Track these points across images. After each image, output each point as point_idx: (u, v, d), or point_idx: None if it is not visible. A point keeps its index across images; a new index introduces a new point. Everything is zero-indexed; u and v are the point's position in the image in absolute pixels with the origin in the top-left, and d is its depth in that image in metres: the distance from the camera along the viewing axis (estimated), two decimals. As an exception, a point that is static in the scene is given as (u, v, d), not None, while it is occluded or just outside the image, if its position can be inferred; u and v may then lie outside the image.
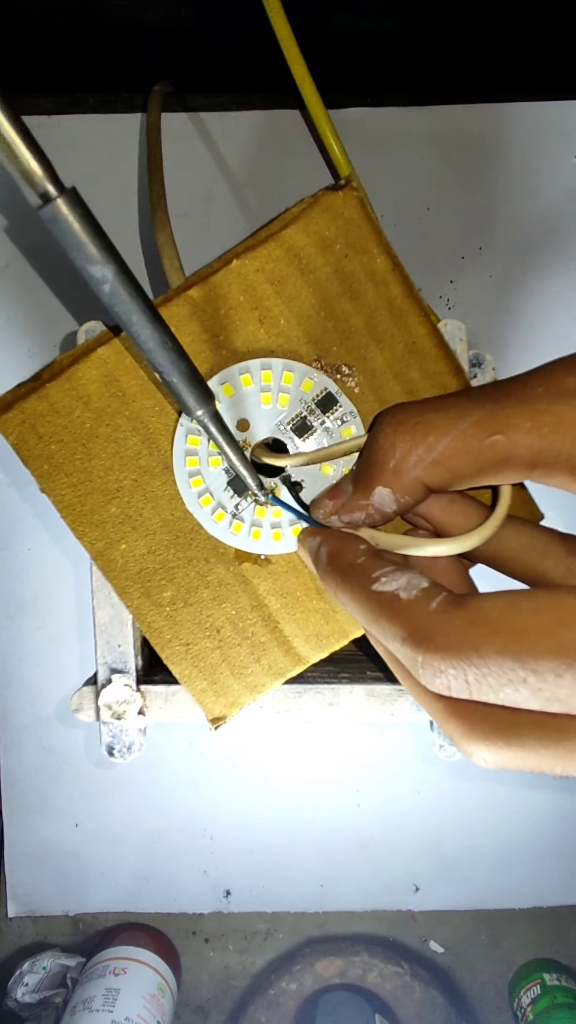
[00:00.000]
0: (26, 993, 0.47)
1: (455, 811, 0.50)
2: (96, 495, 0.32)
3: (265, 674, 0.33)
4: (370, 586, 0.22)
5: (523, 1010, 0.48)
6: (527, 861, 0.50)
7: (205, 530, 0.32)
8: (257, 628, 0.33)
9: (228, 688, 0.33)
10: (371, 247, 0.31)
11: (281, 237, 0.31)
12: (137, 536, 0.32)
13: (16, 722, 0.48)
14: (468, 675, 0.19)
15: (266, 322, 0.31)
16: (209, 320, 0.31)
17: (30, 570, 0.47)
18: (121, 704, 0.35)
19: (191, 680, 0.33)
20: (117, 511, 0.32)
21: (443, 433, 0.22)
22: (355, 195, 0.31)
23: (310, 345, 0.31)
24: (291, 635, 0.33)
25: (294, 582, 0.33)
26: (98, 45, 0.44)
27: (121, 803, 0.49)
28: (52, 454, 0.32)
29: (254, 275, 0.31)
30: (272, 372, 0.31)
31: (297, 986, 0.49)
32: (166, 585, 0.33)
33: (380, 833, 0.50)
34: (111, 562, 0.32)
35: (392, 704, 0.36)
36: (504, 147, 0.45)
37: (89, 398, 0.31)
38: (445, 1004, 0.48)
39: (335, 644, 0.33)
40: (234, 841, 0.50)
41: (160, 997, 0.45)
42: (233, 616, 0.33)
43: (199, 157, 0.44)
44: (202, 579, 0.33)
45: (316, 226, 0.31)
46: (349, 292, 0.31)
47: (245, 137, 0.44)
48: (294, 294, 0.31)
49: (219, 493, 0.31)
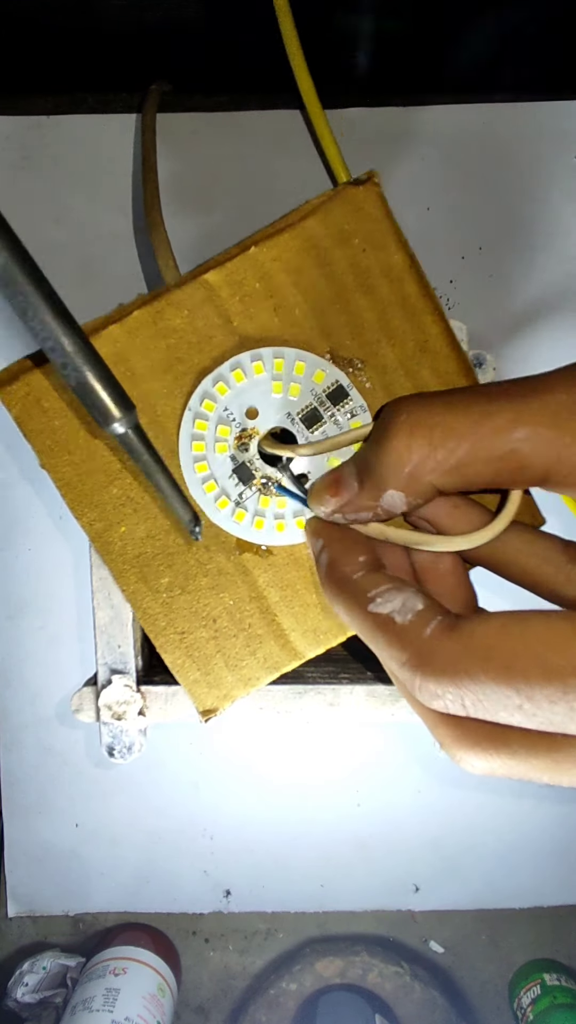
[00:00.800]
0: (26, 993, 0.47)
1: (455, 811, 0.50)
2: (98, 475, 0.31)
3: (260, 667, 0.33)
4: (366, 605, 0.22)
5: (523, 1010, 0.48)
6: (527, 861, 0.50)
7: (207, 517, 0.32)
8: (254, 620, 0.32)
9: (221, 680, 0.33)
10: (389, 243, 0.31)
11: (300, 228, 0.30)
12: (137, 519, 0.32)
13: (16, 722, 0.48)
14: (465, 700, 0.19)
15: (280, 311, 0.31)
16: (224, 305, 0.31)
17: (30, 570, 0.47)
18: (121, 705, 0.35)
19: (184, 670, 0.33)
20: (119, 492, 0.32)
21: (463, 438, 0.22)
22: (376, 191, 0.31)
23: (323, 337, 0.31)
24: (288, 629, 0.33)
25: (294, 575, 0.32)
26: (98, 45, 0.44)
27: (121, 803, 0.49)
28: (55, 430, 0.31)
29: (271, 263, 0.31)
30: (284, 361, 0.30)
31: (297, 986, 0.49)
32: (164, 571, 0.32)
33: (380, 833, 0.50)
34: (109, 544, 0.32)
35: (392, 705, 0.36)
36: (504, 147, 0.45)
37: None
38: (445, 1004, 0.48)
39: (332, 640, 0.33)
40: (234, 841, 0.50)
41: (160, 997, 0.45)
42: (231, 606, 0.32)
43: (199, 157, 0.44)
44: (201, 567, 0.32)
45: (335, 219, 0.30)
46: (364, 286, 0.31)
47: (245, 137, 0.44)
48: (310, 285, 0.31)
49: (223, 480, 0.31)
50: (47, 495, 0.46)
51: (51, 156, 0.44)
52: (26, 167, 0.44)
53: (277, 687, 0.36)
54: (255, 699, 0.36)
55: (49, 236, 0.44)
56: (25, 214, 0.44)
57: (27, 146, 0.44)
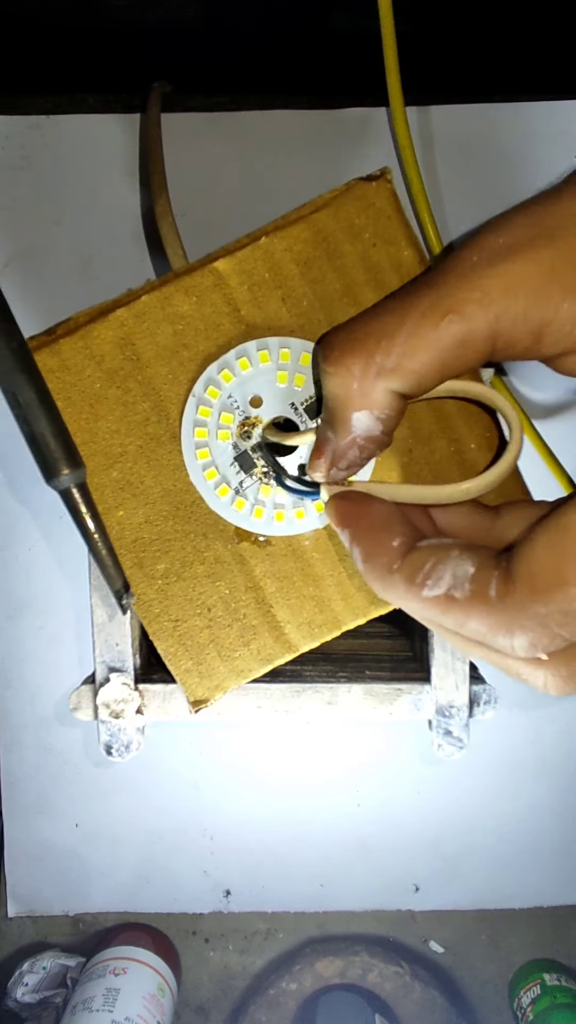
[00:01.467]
0: (26, 993, 0.47)
1: (455, 811, 0.50)
2: (98, 457, 0.31)
3: (253, 659, 0.33)
4: (419, 593, 0.21)
5: (523, 1010, 0.48)
6: (527, 861, 0.50)
7: (206, 504, 0.32)
8: (249, 610, 0.32)
9: (214, 670, 0.33)
10: (400, 239, 0.31)
11: (311, 220, 0.31)
12: (136, 504, 0.32)
13: (16, 722, 0.48)
14: (564, 632, 0.19)
15: (289, 301, 0.31)
16: (232, 293, 0.31)
17: (30, 570, 0.47)
18: (119, 703, 0.35)
19: (176, 658, 0.33)
20: (118, 476, 0.32)
21: (393, 333, 0.22)
22: (388, 187, 0.31)
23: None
24: (283, 621, 0.32)
25: (292, 566, 0.32)
26: (98, 45, 0.44)
27: (121, 803, 0.49)
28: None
29: (281, 254, 0.31)
30: (291, 351, 0.30)
31: (297, 986, 0.49)
32: (161, 557, 0.32)
33: (380, 833, 0.50)
34: (107, 528, 0.32)
35: (391, 703, 0.36)
36: (504, 147, 0.45)
37: (102, 358, 0.31)
38: (445, 1004, 0.48)
39: (327, 634, 0.33)
40: (234, 841, 0.50)
41: (160, 997, 0.45)
42: (226, 596, 0.32)
43: (199, 157, 0.44)
44: (198, 554, 0.32)
45: (347, 213, 0.31)
46: (374, 281, 0.31)
47: (245, 137, 0.44)
48: (319, 277, 0.31)
49: (224, 467, 0.31)
50: (47, 495, 0.46)
51: (51, 156, 0.44)
52: (26, 167, 0.44)
53: (275, 685, 0.36)
54: (253, 697, 0.36)
55: (49, 236, 0.44)
56: (25, 214, 0.44)
57: (27, 146, 0.44)
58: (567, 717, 0.49)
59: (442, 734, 0.36)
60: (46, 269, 0.45)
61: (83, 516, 0.24)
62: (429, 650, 0.36)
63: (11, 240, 0.44)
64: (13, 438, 0.45)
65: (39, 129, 0.44)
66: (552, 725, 0.49)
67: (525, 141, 0.44)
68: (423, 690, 0.36)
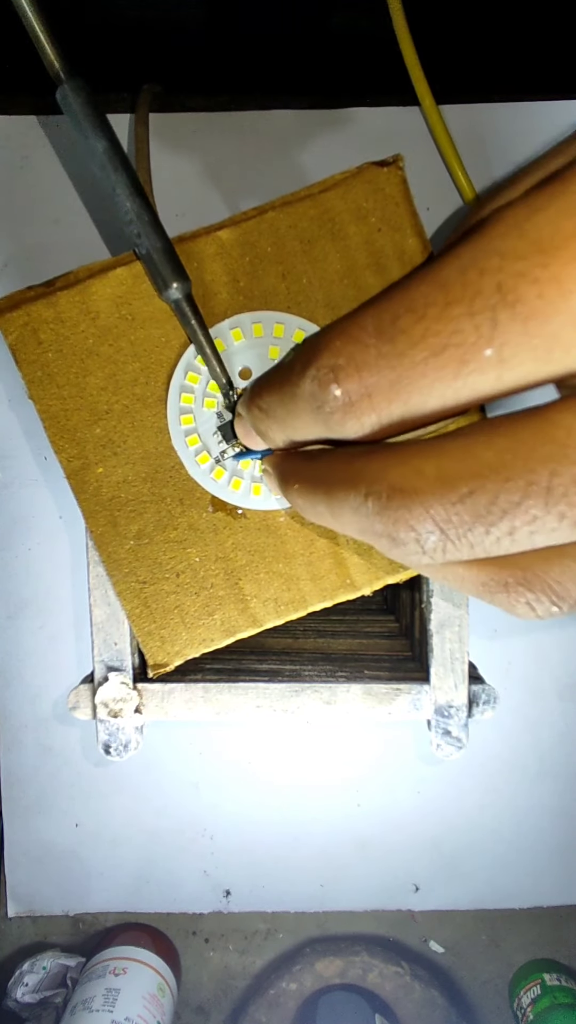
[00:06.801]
0: (26, 993, 0.47)
1: (455, 811, 0.50)
2: (84, 412, 0.32)
3: (216, 629, 0.33)
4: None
5: (523, 1010, 0.47)
6: (527, 861, 0.50)
7: (186, 470, 0.32)
8: (218, 580, 0.32)
9: (176, 636, 0.33)
10: (406, 226, 0.31)
11: (319, 199, 0.31)
12: (116, 462, 0.32)
13: (16, 722, 0.48)
14: None
15: (288, 278, 0.31)
16: (233, 264, 0.31)
17: (30, 570, 0.47)
18: (118, 702, 0.35)
19: (139, 620, 0.33)
20: (101, 433, 0.32)
21: None
22: (399, 174, 0.31)
23: (327, 309, 0.31)
24: (250, 595, 0.32)
25: (264, 541, 0.32)
26: (97, 44, 0.44)
27: (121, 803, 0.49)
28: (48, 362, 0.31)
29: (286, 230, 0.31)
30: (285, 327, 0.31)
31: (297, 986, 0.49)
32: (135, 518, 0.32)
33: (380, 833, 0.50)
34: (85, 484, 0.32)
35: (390, 703, 0.36)
36: (504, 147, 0.45)
37: (98, 314, 0.31)
38: (445, 1004, 0.48)
39: (292, 613, 0.33)
40: (234, 841, 0.50)
41: (160, 997, 0.45)
42: (196, 564, 0.32)
43: (197, 157, 0.44)
44: (172, 519, 0.32)
45: (355, 195, 0.31)
46: (375, 265, 0.31)
47: (245, 137, 0.44)
48: (321, 256, 0.31)
49: (207, 436, 0.31)
50: (46, 495, 0.46)
51: (51, 156, 0.44)
52: (26, 167, 0.44)
53: (275, 685, 0.36)
54: (253, 697, 0.36)
55: (49, 236, 0.44)
56: (25, 214, 0.44)
57: (27, 146, 0.44)
58: (567, 717, 0.49)
59: (441, 734, 0.36)
60: (46, 269, 0.45)
61: (191, 322, 0.28)
62: (428, 650, 0.36)
63: (11, 240, 0.44)
64: (13, 438, 0.45)
65: (39, 129, 0.44)
66: (551, 725, 0.49)
67: (525, 141, 0.44)
68: (422, 690, 0.36)
